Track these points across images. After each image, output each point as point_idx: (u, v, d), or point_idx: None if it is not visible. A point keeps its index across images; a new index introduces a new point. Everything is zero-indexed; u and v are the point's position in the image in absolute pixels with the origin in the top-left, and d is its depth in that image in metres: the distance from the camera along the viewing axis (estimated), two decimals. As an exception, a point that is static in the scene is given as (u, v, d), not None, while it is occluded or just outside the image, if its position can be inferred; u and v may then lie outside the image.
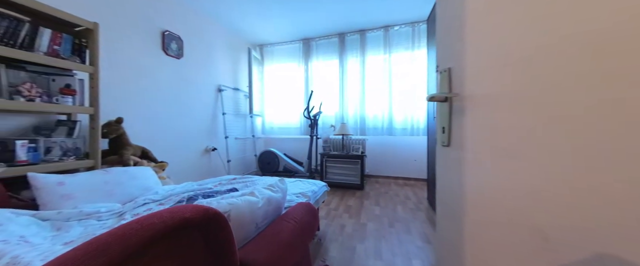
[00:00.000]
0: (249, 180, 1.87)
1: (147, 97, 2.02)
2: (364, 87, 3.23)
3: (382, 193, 2.71)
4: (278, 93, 3.71)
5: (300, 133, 3.54)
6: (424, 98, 2.97)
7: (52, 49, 1.23)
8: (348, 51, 3.33)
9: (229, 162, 2.87)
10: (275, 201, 0.91)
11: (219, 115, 2.89)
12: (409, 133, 3.04)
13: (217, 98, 2.88)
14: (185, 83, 2.41)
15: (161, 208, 1.24)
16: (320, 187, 1.77)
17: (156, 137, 2.08)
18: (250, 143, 3.52)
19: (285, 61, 3.69)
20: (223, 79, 3.00)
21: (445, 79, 0.64)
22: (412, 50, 3.01)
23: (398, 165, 3.31)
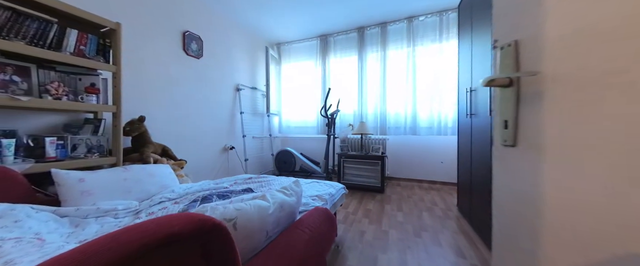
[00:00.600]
0: (265, 180, 1.82)
1: (168, 96, 2.06)
2: (385, 83, 3.04)
3: (404, 198, 2.51)
4: (295, 92, 3.66)
5: (317, 132, 3.45)
6: (451, 95, 2.71)
7: (78, 49, 1.27)
8: (368, 46, 3.16)
9: (246, 161, 2.87)
10: (288, 206, 0.82)
11: (237, 114, 2.91)
12: (435, 132, 2.79)
13: (235, 97, 2.90)
14: (205, 83, 2.45)
15: (176, 207, 1.22)
16: (338, 189, 1.65)
17: (176, 135, 2.13)
18: (267, 142, 3.51)
19: (302, 59, 3.62)
20: (241, 78, 3.02)
21: (508, 56, 0.49)
22: (439, 42, 2.76)
23: (422, 167, 3.07)
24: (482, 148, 1.56)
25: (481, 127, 1.58)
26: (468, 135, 1.85)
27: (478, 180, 1.63)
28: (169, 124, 2.07)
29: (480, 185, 1.57)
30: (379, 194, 2.64)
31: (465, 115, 1.89)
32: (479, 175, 1.61)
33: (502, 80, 0.47)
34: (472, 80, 1.78)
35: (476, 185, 1.67)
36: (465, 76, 1.96)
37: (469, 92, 1.81)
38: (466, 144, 1.89)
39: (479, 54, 1.63)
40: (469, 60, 1.86)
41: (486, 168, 1.47)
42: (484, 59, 1.52)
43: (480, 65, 1.61)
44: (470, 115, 1.78)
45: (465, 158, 1.91)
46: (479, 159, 1.62)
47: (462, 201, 2.05)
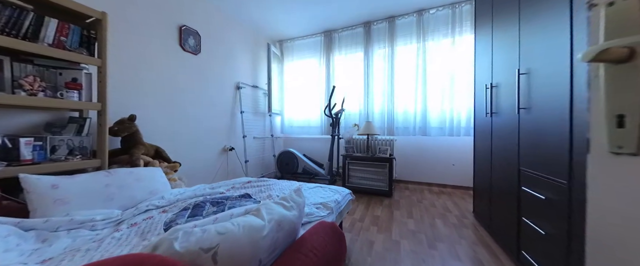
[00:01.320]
0: (264, 184, 1.68)
1: (162, 94, 1.94)
2: (393, 81, 2.87)
3: (414, 203, 2.35)
4: (298, 90, 3.52)
5: (321, 132, 3.30)
6: (465, 93, 2.53)
7: (58, 40, 1.15)
8: (374, 42, 3.00)
9: (247, 163, 2.75)
10: (288, 223, 0.67)
11: (237, 113, 2.78)
12: (447, 133, 2.62)
13: (235, 96, 2.77)
14: (203, 80, 2.32)
15: (164, 216, 1.08)
16: (345, 195, 1.51)
17: (172, 135, 2.00)
18: (268, 143, 3.38)
19: (306, 56, 3.48)
20: (241, 76, 2.89)
21: (625, 14, 0.31)
22: (451, 36, 2.58)
23: (432, 169, 2.89)
24: (506, 150, 1.39)
25: (505, 126, 1.42)
26: (487, 135, 1.68)
27: (500, 186, 1.46)
28: (164, 124, 1.95)
29: (504, 191, 1.40)
30: (386, 198, 2.48)
31: (483, 114, 1.72)
32: (501, 179, 1.45)
33: (617, 51, 0.31)
34: (493, 75, 1.61)
35: (498, 191, 1.50)
36: (483, 72, 1.79)
37: (488, 88, 1.64)
38: (485, 146, 1.72)
39: (503, 47, 1.47)
40: (488, 54, 1.69)
41: (512, 173, 1.30)
42: (510, 51, 1.35)
43: (504, 58, 1.45)
44: (491, 114, 1.61)
45: (484, 161, 1.74)
46: (502, 163, 1.45)
47: (479, 208, 1.88)
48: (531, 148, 1.14)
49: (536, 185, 1.10)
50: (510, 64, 1.35)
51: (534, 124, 1.13)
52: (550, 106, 1.01)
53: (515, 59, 1.29)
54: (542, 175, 1.05)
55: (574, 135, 0.88)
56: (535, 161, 1.11)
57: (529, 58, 1.18)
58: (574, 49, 0.88)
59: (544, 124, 1.05)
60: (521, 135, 1.23)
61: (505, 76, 1.43)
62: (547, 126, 1.03)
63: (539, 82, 1.10)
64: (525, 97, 1.20)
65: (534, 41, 1.14)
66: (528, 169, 1.16)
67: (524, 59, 1.22)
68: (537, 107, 1.11)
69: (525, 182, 1.19)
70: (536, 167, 1.10)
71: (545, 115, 1.04)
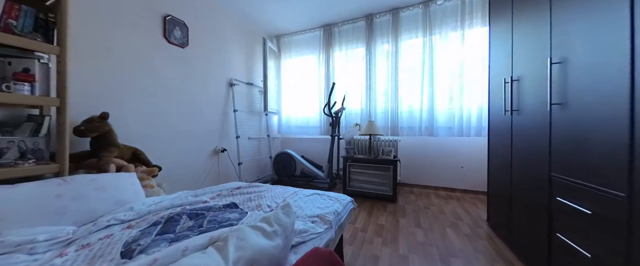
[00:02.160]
0: (255, 191, 1.49)
1: (144, 90, 1.76)
2: (397, 78, 2.69)
3: (421, 209, 2.16)
4: (296, 88, 3.34)
5: (320, 133, 3.12)
6: (477, 90, 2.34)
7: (4, 23, 0.97)
8: (377, 36, 2.81)
9: (240, 165, 2.56)
10: (267, 258, 0.48)
11: (230, 112, 2.60)
12: (456, 133, 2.43)
13: (228, 93, 2.59)
14: (191, 76, 2.14)
15: (127, 233, 0.90)
16: (345, 204, 1.32)
17: (155, 136, 1.82)
18: (264, 143, 3.20)
19: (304, 52, 3.30)
20: (235, 73, 2.71)
21: None
22: (460, 29, 2.39)
23: (439, 172, 2.70)
24: (531, 153, 1.20)
25: (530, 125, 1.23)
26: (505, 136, 1.50)
27: (524, 194, 1.27)
28: (145, 123, 1.77)
29: (529, 200, 1.21)
30: (390, 204, 2.29)
31: (501, 112, 1.53)
32: (525, 187, 1.26)
33: None
34: (513, 68, 1.42)
35: (521, 200, 1.31)
36: (500, 65, 1.60)
37: (508, 83, 1.45)
38: (503, 147, 1.54)
39: (527, 35, 1.28)
40: (506, 45, 1.50)
41: (540, 180, 1.11)
42: (537, 38, 1.16)
43: (529, 47, 1.26)
44: (511, 111, 1.42)
45: (502, 164, 1.55)
46: (526, 167, 1.26)
47: (495, 216, 1.69)
48: (569, 152, 0.96)
49: (577, 196, 0.91)
50: (538, 53, 1.17)
51: (573, 122, 0.94)
52: (597, 101, 0.82)
53: (544, 46, 1.10)
54: (585, 184, 0.87)
55: (635, 136, 0.70)
56: (575, 167, 0.92)
57: (564, 45, 0.99)
58: (636, 31, 0.70)
59: (588, 122, 0.86)
60: (554, 136, 1.05)
61: (530, 68, 1.25)
62: (592, 124, 0.84)
63: (579, 72, 0.91)
64: (559, 91, 1.01)
65: (572, 24, 0.96)
66: (564, 176, 0.98)
67: (557, 47, 1.04)
68: (576, 102, 0.92)
69: (560, 192, 1.00)
70: (577, 174, 0.91)
71: (589, 111, 0.85)
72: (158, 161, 1.65)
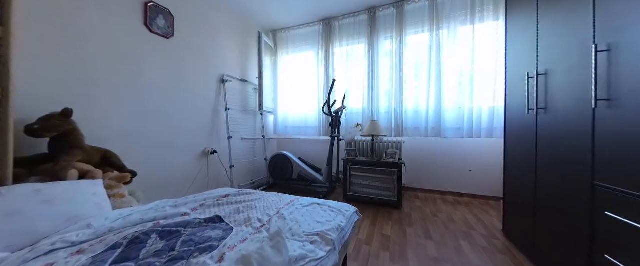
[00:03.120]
0: (246, 200, 1.30)
1: (122, 85, 1.56)
2: (402, 75, 2.52)
3: (429, 217, 1.99)
4: (293, 86, 3.16)
5: (319, 133, 2.94)
6: (489, 87, 2.18)
7: None
8: (380, 31, 2.65)
9: (232, 168, 2.36)
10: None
11: (221, 110, 2.40)
12: (465, 134, 2.27)
13: (219, 90, 2.39)
14: (177, 70, 1.94)
15: (75, 261, 0.71)
16: (350, 216, 1.14)
17: (135, 137, 1.62)
18: (259, 145, 3.00)
19: (302, 48, 3.12)
20: (227, 68, 2.52)
21: None
22: (471, 23, 2.24)
23: (446, 176, 2.54)
24: (565, 157, 1.03)
25: (563, 125, 1.06)
26: (529, 137, 1.33)
27: (555, 204, 1.10)
28: (123, 122, 1.56)
29: (562, 211, 1.04)
30: (395, 211, 2.12)
31: (523, 111, 1.37)
32: (557, 195, 1.09)
33: None
34: (539, 60, 1.26)
35: (549, 210, 1.15)
36: (521, 59, 1.44)
37: (532, 78, 1.29)
38: (525, 149, 1.37)
39: (557, 20, 1.11)
40: (530, 37, 1.34)
41: (578, 189, 0.94)
42: (574, 21, 0.99)
43: (561, 34, 1.09)
44: (537, 109, 1.26)
45: (524, 169, 1.38)
46: (557, 173, 1.09)
47: (513, 226, 1.53)
48: (622, 157, 0.79)
49: (635, 211, 0.74)
50: (574, 41, 1.00)
51: (627, 123, 0.77)
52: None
53: (584, 33, 0.94)
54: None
55: None
56: (634, 176, 0.75)
57: (613, 28, 0.83)
58: None
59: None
60: (599, 138, 0.88)
61: (563, 60, 1.08)
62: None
63: (634, 61, 0.75)
64: (605, 85, 0.85)
65: (622, 3, 0.79)
66: (616, 187, 0.81)
67: (602, 31, 0.87)
68: (631, 99, 0.76)
69: (609, 205, 0.83)
70: (633, 185, 0.74)
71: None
72: (136, 165, 1.44)
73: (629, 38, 0.77)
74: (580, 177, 0.96)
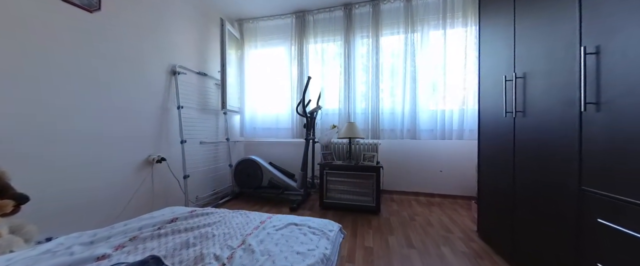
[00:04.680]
0: (199, 226, 0.99)
1: (16, 72, 1.08)
2: (378, 76, 2.46)
3: (407, 221, 1.93)
4: (263, 83, 2.85)
5: (293, 135, 2.70)
6: (458, 90, 2.26)
7: None
8: (356, 29, 2.55)
9: (187, 178, 1.96)
10: None
11: (173, 109, 1.98)
12: (438, 136, 2.30)
13: (169, 84, 1.96)
14: (106, 55, 1.49)
15: None
16: (334, 237, 0.95)
17: (40, 145, 1.15)
18: (223, 149, 2.61)
19: (273, 42, 2.84)
20: (180, 58, 2.09)
21: None
22: (443, 28, 2.28)
23: (419, 177, 2.57)
24: (546, 161, 1.02)
25: (545, 129, 1.05)
26: (506, 140, 1.34)
27: (536, 209, 1.08)
28: (20, 125, 1.09)
29: (544, 216, 1.02)
30: (374, 217, 2.02)
31: (500, 114, 1.38)
32: (538, 200, 1.07)
33: None
34: (516, 63, 1.27)
35: (531, 215, 1.14)
36: (497, 62, 1.45)
37: (510, 81, 1.29)
38: (501, 153, 1.38)
39: (538, 27, 1.11)
40: (506, 40, 1.35)
41: (564, 195, 0.92)
42: (557, 24, 0.99)
43: (540, 40, 1.09)
44: (514, 112, 1.26)
45: (500, 171, 1.39)
46: (538, 176, 1.09)
47: (488, 228, 1.54)
48: (614, 162, 0.77)
49: (633, 220, 0.72)
50: (558, 42, 1.00)
51: (619, 127, 0.75)
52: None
53: (570, 34, 0.93)
54: None
55: None
56: (626, 181, 0.73)
57: (602, 30, 0.82)
58: None
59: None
60: (586, 142, 0.87)
61: (544, 61, 1.08)
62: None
63: (628, 63, 0.73)
64: (594, 88, 0.83)
65: (613, 5, 0.78)
66: (606, 192, 0.79)
67: (589, 33, 0.86)
68: (623, 102, 0.74)
69: (601, 212, 0.81)
70: (633, 192, 0.72)
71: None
72: (34, 186, 1.00)
73: (620, 41, 0.75)
74: (566, 182, 0.94)
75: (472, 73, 2.18)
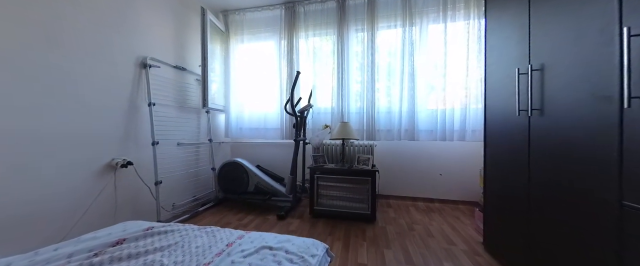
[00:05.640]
0: (150, 250, 0.79)
1: None
2: (374, 73, 2.28)
3: (405, 231, 1.76)
4: (250, 81, 2.64)
5: (282, 136, 2.50)
6: (459, 89, 2.09)
7: None
8: (350, 22, 2.37)
9: (159, 185, 1.74)
10: None
11: (143, 106, 1.76)
12: (438, 137, 2.14)
13: (139, 78, 1.74)
14: (52, 36, 1.26)
15: None
16: (318, 263, 0.76)
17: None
18: (205, 151, 2.40)
19: (261, 35, 2.64)
20: (153, 49, 1.88)
21: None
22: (443, 22, 2.12)
23: (417, 181, 2.40)
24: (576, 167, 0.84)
25: (569, 129, 0.88)
26: (519, 142, 1.17)
27: (562, 224, 0.88)
28: None
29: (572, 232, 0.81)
30: (369, 226, 1.84)
31: (513, 112, 1.21)
32: (561, 213, 0.88)
33: None
34: (531, 53, 1.10)
35: (547, 228, 0.97)
36: (508, 54, 1.29)
37: (524, 74, 1.13)
38: (514, 157, 1.21)
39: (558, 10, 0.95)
40: (520, 27, 1.18)
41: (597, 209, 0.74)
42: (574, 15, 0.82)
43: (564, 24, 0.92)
44: (530, 110, 1.09)
45: (512, 179, 1.22)
46: (562, 186, 0.91)
47: (496, 241, 1.37)
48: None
49: None
50: (588, 27, 0.83)
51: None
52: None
53: (607, 15, 0.76)
54: None
55: None
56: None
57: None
58: None
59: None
60: (629, 146, 0.70)
61: (569, 50, 0.91)
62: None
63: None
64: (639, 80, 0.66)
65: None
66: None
67: (634, 9, 0.69)
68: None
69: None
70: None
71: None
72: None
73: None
74: (599, 192, 0.77)
75: (475, 70, 2.02)
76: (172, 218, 1.94)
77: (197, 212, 2.09)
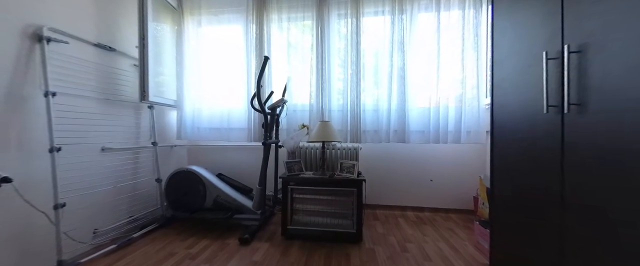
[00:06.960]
0: None
1: None
2: (359, 65, 1.97)
3: (397, 253, 1.46)
4: (211, 70, 2.17)
5: (250, 138, 2.07)
6: (452, 85, 1.87)
7: None
8: (332, 6, 2.04)
9: (61, 208, 1.21)
10: None
11: (36, 97, 1.22)
12: (431, 139, 1.89)
13: (27, 57, 1.20)
14: None
15: None
16: None
17: None
18: (147, 157, 1.87)
19: (223, 17, 2.20)
20: (55, 15, 1.34)
21: None
22: (436, 10, 1.88)
23: (407, 188, 2.15)
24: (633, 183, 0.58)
25: (625, 131, 0.63)
26: (546, 145, 0.91)
27: (606, 248, 0.64)
28: None
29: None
30: (354, 248, 1.50)
31: (539, 109, 0.95)
32: (609, 241, 0.63)
33: None
34: (565, 30, 0.85)
35: (593, 253, 0.70)
36: (529, 37, 1.03)
37: (555, 58, 0.87)
38: (539, 166, 0.95)
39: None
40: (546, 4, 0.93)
41: None
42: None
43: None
44: (567, 106, 0.83)
45: (536, 193, 0.96)
46: (615, 207, 0.65)
47: (499, 256, 1.12)
48: None
49: None
50: None
51: None
52: None
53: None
54: None
55: None
56: None
57: None
58: None
59: None
60: None
61: (633, 17, 0.65)
62: None
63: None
64: None
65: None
66: None
67: None
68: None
69: None
70: None
71: None
72: None
73: None
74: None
75: (471, 63, 1.81)
76: (91, 251, 1.40)
77: (131, 240, 1.58)
